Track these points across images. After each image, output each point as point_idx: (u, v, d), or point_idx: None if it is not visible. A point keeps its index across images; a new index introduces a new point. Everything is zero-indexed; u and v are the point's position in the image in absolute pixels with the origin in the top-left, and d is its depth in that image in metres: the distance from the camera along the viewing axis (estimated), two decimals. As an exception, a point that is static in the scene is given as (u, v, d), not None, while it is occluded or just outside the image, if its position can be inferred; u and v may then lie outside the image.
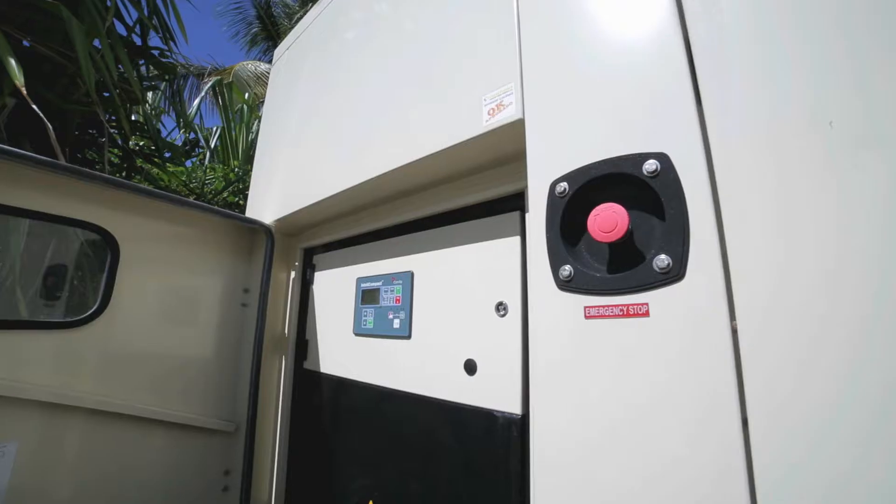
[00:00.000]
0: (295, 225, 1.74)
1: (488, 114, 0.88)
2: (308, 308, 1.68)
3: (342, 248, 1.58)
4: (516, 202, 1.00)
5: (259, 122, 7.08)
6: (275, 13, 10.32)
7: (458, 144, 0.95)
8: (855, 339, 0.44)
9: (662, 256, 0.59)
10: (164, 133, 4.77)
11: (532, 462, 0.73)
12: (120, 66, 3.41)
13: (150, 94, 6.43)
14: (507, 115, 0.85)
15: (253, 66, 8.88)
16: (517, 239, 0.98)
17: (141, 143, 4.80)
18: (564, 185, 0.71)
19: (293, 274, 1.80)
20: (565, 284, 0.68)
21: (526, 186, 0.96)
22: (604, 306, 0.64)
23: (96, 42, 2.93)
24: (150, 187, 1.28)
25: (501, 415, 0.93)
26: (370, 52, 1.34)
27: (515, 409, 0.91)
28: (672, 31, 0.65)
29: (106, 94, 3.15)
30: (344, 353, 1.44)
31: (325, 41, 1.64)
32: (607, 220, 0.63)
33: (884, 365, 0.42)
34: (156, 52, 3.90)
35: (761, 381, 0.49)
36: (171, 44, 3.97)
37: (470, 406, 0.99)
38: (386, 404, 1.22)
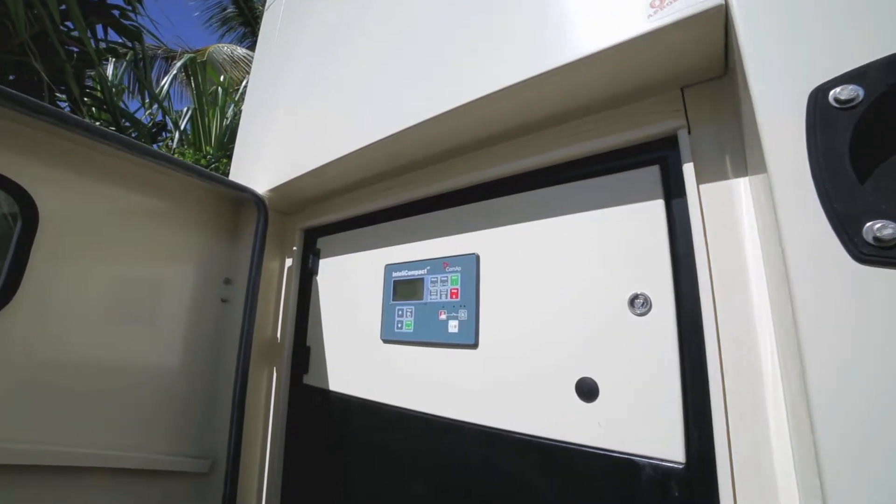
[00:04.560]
0: (293, 199, 1.37)
1: (651, 7, 0.58)
2: (310, 305, 1.31)
3: (360, 227, 1.23)
4: (655, 150, 0.71)
5: (234, 106, 6.50)
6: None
7: (591, 57, 0.63)
8: None
9: None
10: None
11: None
12: (69, 23, 2.89)
13: (110, 68, 5.73)
14: (694, 2, 0.55)
15: (229, 49, 8.26)
16: (659, 203, 0.68)
17: (100, 120, 4.16)
18: (855, 89, 0.41)
19: (289, 262, 1.42)
20: (880, 253, 0.38)
21: (679, 127, 0.67)
22: None
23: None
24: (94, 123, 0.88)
25: (648, 463, 0.62)
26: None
27: (674, 454, 0.60)
28: None
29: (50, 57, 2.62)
30: (365, 367, 1.08)
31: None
32: None
33: None
34: (116, 13, 3.39)
35: None
36: (137, 5, 3.48)
37: (589, 448, 0.67)
38: (439, 440, 0.88)
